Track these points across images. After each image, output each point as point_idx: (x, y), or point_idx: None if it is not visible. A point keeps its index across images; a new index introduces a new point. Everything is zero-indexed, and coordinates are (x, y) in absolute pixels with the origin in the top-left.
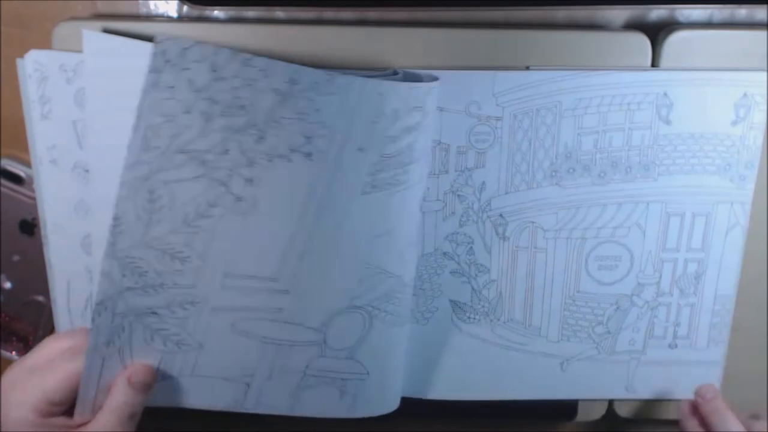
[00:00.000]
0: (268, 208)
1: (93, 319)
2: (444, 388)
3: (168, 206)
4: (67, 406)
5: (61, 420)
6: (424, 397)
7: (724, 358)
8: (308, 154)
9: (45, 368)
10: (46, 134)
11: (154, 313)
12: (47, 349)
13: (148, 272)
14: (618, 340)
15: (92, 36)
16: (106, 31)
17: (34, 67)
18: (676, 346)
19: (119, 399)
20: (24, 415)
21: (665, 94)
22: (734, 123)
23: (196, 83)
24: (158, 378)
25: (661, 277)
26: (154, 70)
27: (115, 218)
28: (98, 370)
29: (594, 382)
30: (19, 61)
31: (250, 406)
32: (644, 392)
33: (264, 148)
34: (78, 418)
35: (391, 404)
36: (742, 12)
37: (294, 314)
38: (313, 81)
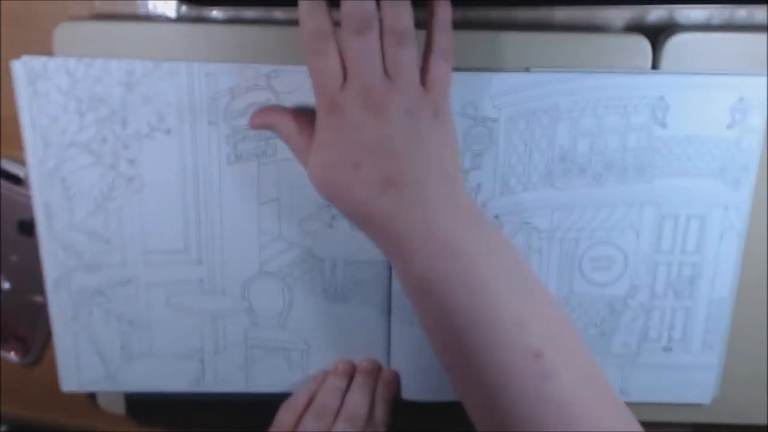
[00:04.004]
0: (153, 185)
1: (54, 295)
2: (441, 391)
3: (79, 193)
4: None
5: None
6: (421, 400)
7: (720, 363)
8: (167, 131)
9: None
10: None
11: (101, 293)
12: None
13: (84, 253)
14: (612, 343)
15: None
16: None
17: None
18: (671, 349)
19: None
20: None
21: (661, 97)
22: (729, 126)
23: (61, 88)
24: (125, 358)
25: (655, 279)
26: (30, 82)
27: (45, 204)
28: (74, 344)
29: None
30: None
31: (210, 384)
32: (638, 395)
33: (130, 131)
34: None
35: None
36: (742, 13)
37: (214, 283)
38: (145, 70)
